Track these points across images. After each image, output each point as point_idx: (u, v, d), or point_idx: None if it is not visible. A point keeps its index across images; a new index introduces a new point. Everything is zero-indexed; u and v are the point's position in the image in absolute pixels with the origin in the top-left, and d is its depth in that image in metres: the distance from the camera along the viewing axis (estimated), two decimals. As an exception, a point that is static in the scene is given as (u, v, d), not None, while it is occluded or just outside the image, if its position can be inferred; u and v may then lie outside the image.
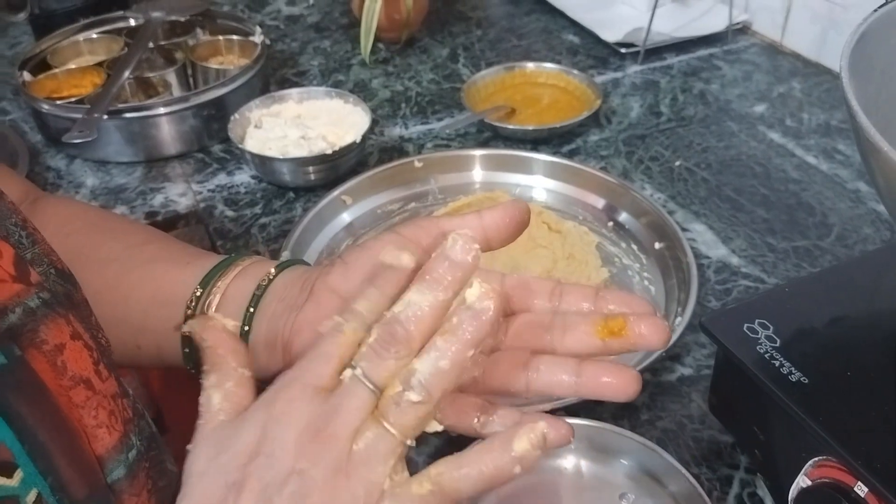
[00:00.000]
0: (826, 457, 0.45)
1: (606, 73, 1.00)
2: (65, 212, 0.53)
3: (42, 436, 0.30)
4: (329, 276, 0.42)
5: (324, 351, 0.35)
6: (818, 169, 0.82)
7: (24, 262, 0.34)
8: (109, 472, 0.33)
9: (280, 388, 0.35)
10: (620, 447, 0.52)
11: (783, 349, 0.49)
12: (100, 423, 0.33)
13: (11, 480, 0.29)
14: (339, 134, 0.82)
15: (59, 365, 0.32)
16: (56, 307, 0.34)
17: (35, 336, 0.32)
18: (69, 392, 0.32)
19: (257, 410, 0.35)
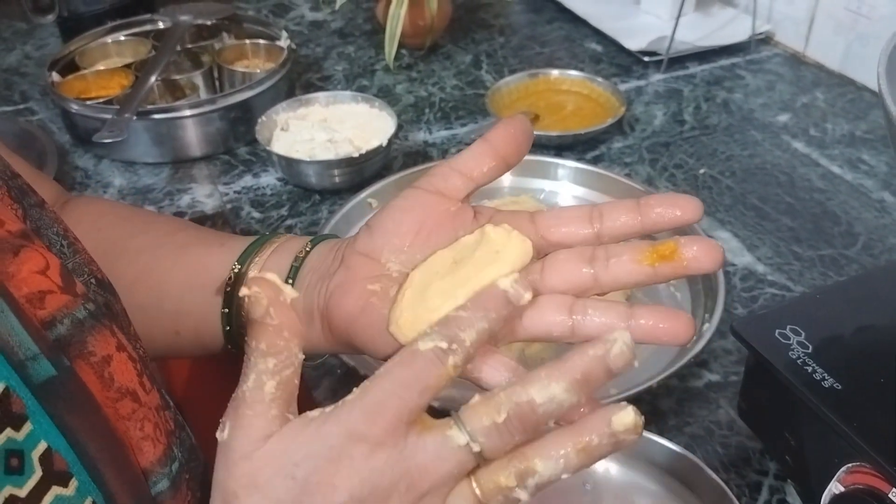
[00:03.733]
0: (860, 463, 0.45)
1: (629, 82, 1.01)
2: (95, 209, 0.53)
3: (91, 447, 0.30)
4: (357, 242, 0.40)
5: (422, 380, 0.32)
6: (843, 178, 0.82)
7: (69, 274, 0.34)
8: (154, 484, 0.33)
9: (368, 411, 0.32)
10: (650, 452, 0.52)
11: (815, 355, 0.49)
12: (145, 436, 0.33)
13: (68, 490, 0.29)
14: (365, 138, 0.83)
15: (106, 377, 0.32)
16: (102, 318, 0.34)
17: (83, 348, 0.32)
18: (116, 404, 0.32)
19: (337, 426, 0.32)
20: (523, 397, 0.31)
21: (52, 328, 0.32)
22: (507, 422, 0.31)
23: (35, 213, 0.37)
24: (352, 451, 0.31)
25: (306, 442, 0.32)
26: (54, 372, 0.30)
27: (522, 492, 0.32)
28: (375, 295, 0.38)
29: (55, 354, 0.31)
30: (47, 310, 0.32)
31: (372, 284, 0.38)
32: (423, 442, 0.32)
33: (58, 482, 0.29)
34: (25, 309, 0.31)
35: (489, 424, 0.31)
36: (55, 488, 0.28)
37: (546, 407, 0.31)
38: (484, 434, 0.31)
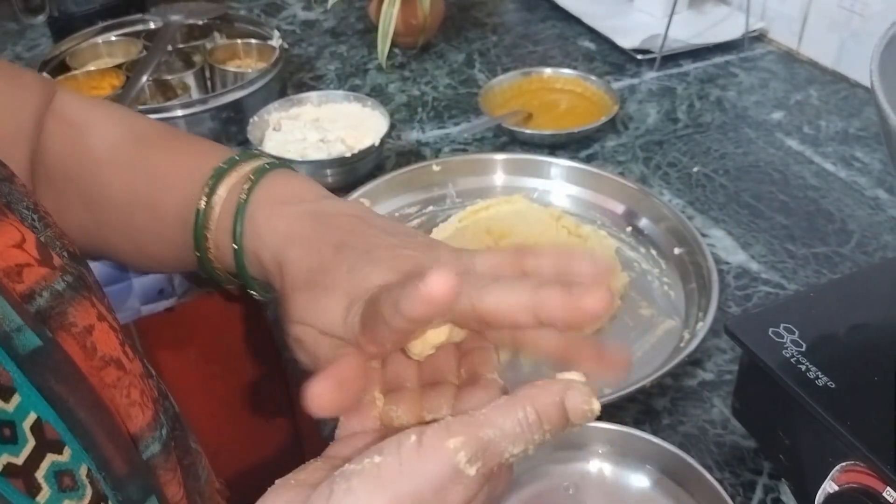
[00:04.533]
0: (854, 462, 0.45)
1: (623, 80, 1.00)
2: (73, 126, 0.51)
3: (81, 415, 0.30)
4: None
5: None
6: (837, 176, 0.82)
7: (45, 247, 0.34)
8: (144, 448, 0.34)
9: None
10: (644, 451, 0.52)
11: (809, 353, 0.49)
12: (132, 402, 0.34)
13: (62, 457, 0.29)
14: (358, 137, 0.83)
15: (88, 346, 0.33)
16: (80, 290, 0.34)
17: (64, 318, 0.33)
18: (100, 373, 0.33)
19: None
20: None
21: (31, 301, 0.32)
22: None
23: (5, 187, 0.37)
24: None
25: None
26: (39, 343, 0.30)
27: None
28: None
29: (38, 326, 0.31)
30: (26, 283, 0.32)
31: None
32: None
33: (52, 450, 0.29)
34: (4, 283, 0.31)
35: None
36: (50, 455, 0.29)
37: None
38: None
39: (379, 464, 0.29)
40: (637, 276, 0.70)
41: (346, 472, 0.30)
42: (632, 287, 0.69)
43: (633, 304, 0.68)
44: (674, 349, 0.62)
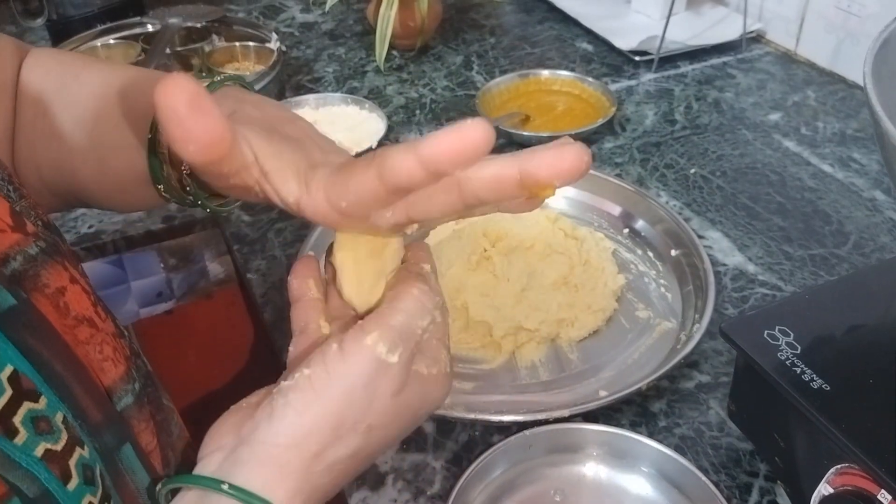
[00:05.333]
0: (849, 464, 0.45)
1: (620, 81, 1.00)
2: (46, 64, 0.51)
3: (56, 368, 0.32)
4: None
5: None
6: (834, 177, 0.82)
7: (19, 215, 0.36)
8: (118, 400, 0.36)
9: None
10: (640, 454, 0.52)
11: (804, 356, 0.49)
12: (105, 357, 0.36)
13: (39, 405, 0.31)
14: (356, 140, 0.83)
15: (61, 306, 0.35)
16: (53, 255, 0.36)
17: (38, 280, 0.34)
18: (74, 330, 0.35)
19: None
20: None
21: (5, 264, 0.34)
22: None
23: None
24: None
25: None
26: (14, 302, 0.32)
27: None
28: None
29: (12, 287, 0.33)
30: (0, 248, 0.34)
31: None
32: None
33: (28, 399, 0.31)
34: None
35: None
36: (27, 403, 0.30)
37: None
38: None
39: (309, 375, 0.33)
40: (634, 278, 0.70)
41: (282, 389, 0.33)
42: (629, 289, 0.69)
43: (629, 306, 0.68)
44: (670, 351, 0.62)
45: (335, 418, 0.33)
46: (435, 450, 0.57)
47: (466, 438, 0.58)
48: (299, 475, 0.32)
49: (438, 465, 0.56)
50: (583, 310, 0.66)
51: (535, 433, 0.52)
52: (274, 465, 0.32)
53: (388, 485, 0.55)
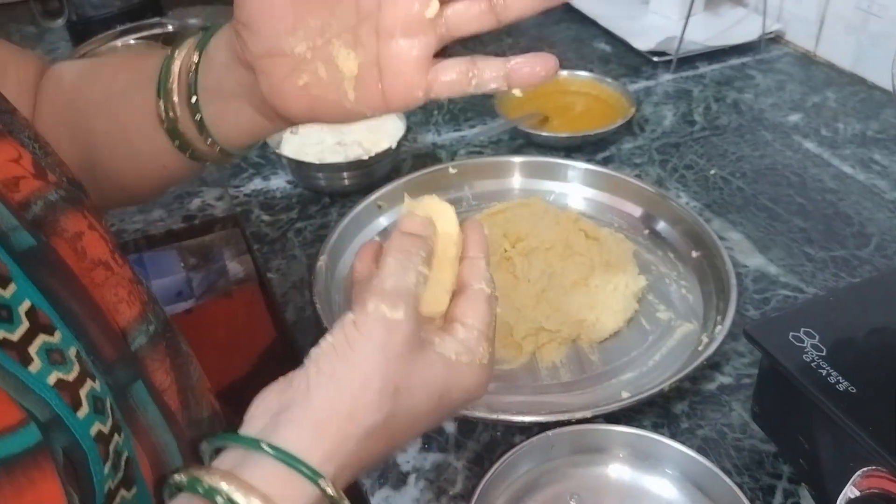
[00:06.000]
0: (876, 467, 0.44)
1: (639, 82, 1.00)
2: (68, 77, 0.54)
3: (72, 306, 0.34)
4: (249, 46, 0.41)
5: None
6: (855, 179, 0.81)
7: (41, 166, 0.38)
8: (133, 340, 0.38)
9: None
10: (663, 455, 0.52)
11: (829, 358, 0.48)
12: (120, 300, 0.38)
13: (54, 338, 0.33)
14: (375, 140, 0.83)
15: (79, 250, 0.37)
16: (73, 203, 0.39)
17: (56, 225, 0.37)
18: (90, 273, 0.37)
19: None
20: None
21: (27, 209, 0.36)
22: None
23: (7, 118, 0.41)
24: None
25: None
26: (34, 243, 0.35)
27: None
28: (311, 88, 0.41)
29: (33, 229, 0.35)
30: (22, 193, 0.36)
31: (300, 79, 0.40)
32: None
33: (44, 332, 0.33)
34: (2, 191, 0.35)
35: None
36: (42, 336, 0.32)
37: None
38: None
39: (333, 343, 0.36)
40: (655, 279, 0.70)
41: (311, 357, 0.36)
42: (650, 290, 0.69)
43: (650, 307, 0.68)
44: (692, 353, 0.62)
45: (361, 378, 0.35)
46: (457, 450, 0.57)
47: (488, 439, 0.58)
48: (335, 437, 0.34)
49: (460, 464, 0.56)
50: (603, 311, 0.66)
51: (557, 434, 0.52)
52: (311, 427, 0.34)
53: (411, 484, 0.55)
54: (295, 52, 0.40)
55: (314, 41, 0.40)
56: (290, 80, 0.40)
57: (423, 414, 0.37)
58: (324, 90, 0.41)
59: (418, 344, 0.37)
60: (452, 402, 0.38)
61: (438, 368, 0.37)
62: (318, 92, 0.41)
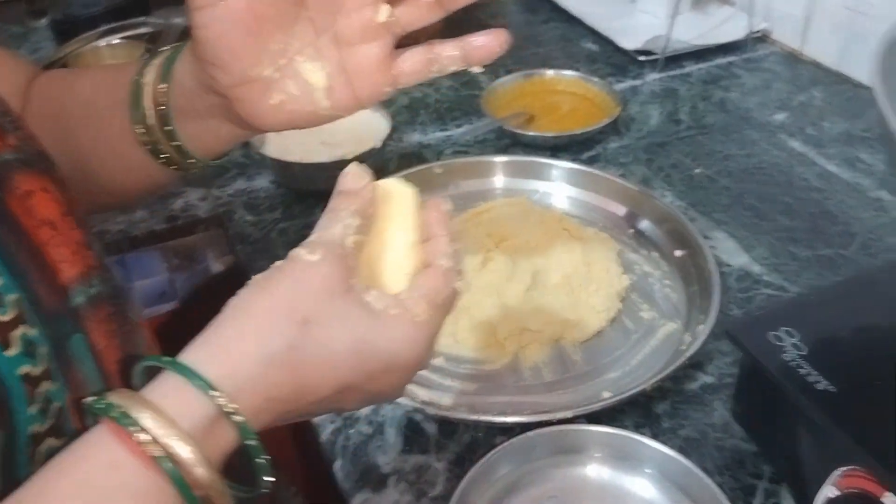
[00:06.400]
0: (854, 466, 0.44)
1: (625, 81, 1.00)
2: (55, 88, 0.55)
3: (19, 258, 0.36)
4: (217, 82, 0.42)
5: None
6: (840, 177, 0.81)
7: (2, 129, 0.40)
8: (72, 298, 0.38)
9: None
10: (643, 455, 0.52)
11: (809, 357, 0.48)
12: (63, 259, 0.38)
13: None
14: (359, 140, 0.82)
15: (27, 207, 0.38)
16: (31, 164, 0.40)
17: (9, 182, 0.38)
18: (37, 231, 0.38)
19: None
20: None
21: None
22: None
23: None
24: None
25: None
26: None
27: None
28: (286, 104, 0.42)
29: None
30: None
31: (273, 99, 0.42)
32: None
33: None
34: None
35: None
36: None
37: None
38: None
39: (254, 280, 0.36)
40: (638, 278, 0.70)
41: (238, 292, 0.36)
42: (633, 290, 0.69)
43: (634, 306, 0.67)
44: (674, 352, 0.62)
45: (268, 304, 0.35)
46: (438, 451, 0.57)
47: (469, 439, 0.57)
48: (233, 355, 0.34)
49: (441, 466, 0.56)
50: (587, 311, 0.66)
51: (538, 434, 0.52)
52: (212, 345, 0.34)
53: (391, 486, 0.54)
54: (263, 76, 0.42)
55: (279, 63, 0.42)
56: (264, 101, 0.42)
57: (340, 357, 0.36)
58: (298, 104, 0.43)
59: (342, 288, 0.36)
60: (377, 352, 0.37)
61: (359, 312, 0.36)
62: (293, 107, 0.43)
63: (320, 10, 0.41)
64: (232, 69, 0.41)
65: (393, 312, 0.37)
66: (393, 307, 0.37)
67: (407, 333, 0.37)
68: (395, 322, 0.37)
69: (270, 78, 0.42)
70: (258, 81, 0.42)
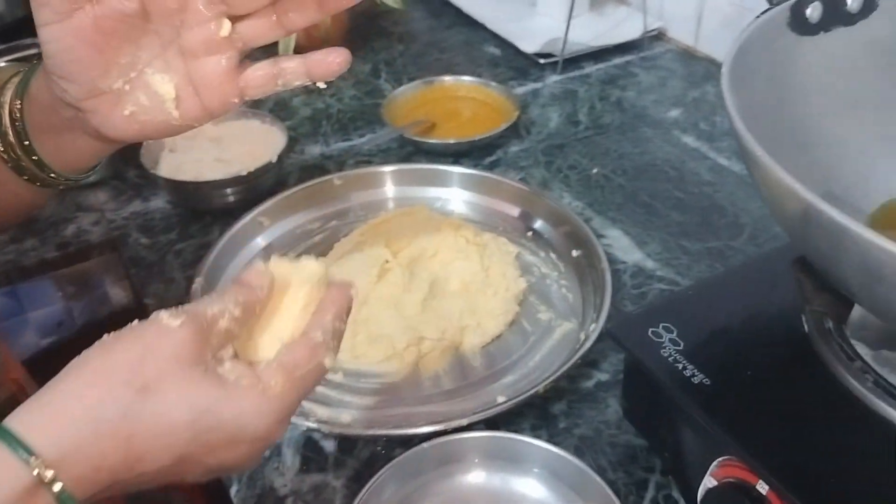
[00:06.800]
0: (729, 457, 0.46)
1: (527, 84, 1.01)
2: None
3: None
4: (68, 95, 0.43)
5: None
6: (731, 170, 0.84)
7: None
8: None
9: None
10: (532, 456, 0.52)
11: (686, 352, 0.50)
12: None
13: None
14: (256, 154, 0.81)
15: None
16: None
17: None
18: None
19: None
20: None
21: None
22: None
23: None
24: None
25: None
26: None
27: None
28: (138, 115, 0.44)
29: None
30: None
31: (125, 110, 0.44)
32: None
33: None
34: None
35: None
36: None
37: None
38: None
39: (103, 340, 0.36)
40: (537, 280, 0.71)
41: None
42: (531, 292, 0.70)
43: (531, 308, 0.68)
44: (570, 351, 0.63)
45: (110, 367, 0.34)
46: (336, 468, 0.56)
47: (368, 455, 0.57)
48: (61, 419, 0.33)
49: (339, 483, 0.55)
50: (485, 315, 0.66)
51: (429, 446, 0.52)
52: (41, 406, 0.34)
53: (288, 507, 0.54)
54: (114, 89, 0.43)
55: (128, 75, 0.43)
56: (116, 112, 0.44)
57: (178, 427, 0.35)
58: (150, 114, 0.44)
59: (195, 358, 0.35)
60: (221, 423, 0.35)
61: (208, 383, 0.35)
62: (145, 117, 0.44)
63: (164, 24, 0.42)
64: (82, 82, 0.42)
65: (244, 383, 0.36)
66: (245, 377, 0.37)
67: (255, 405, 0.36)
68: (244, 393, 0.36)
69: (121, 90, 0.43)
70: (109, 93, 0.43)
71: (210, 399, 0.35)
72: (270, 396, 0.37)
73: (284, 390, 0.37)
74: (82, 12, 0.40)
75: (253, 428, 0.36)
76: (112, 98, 0.43)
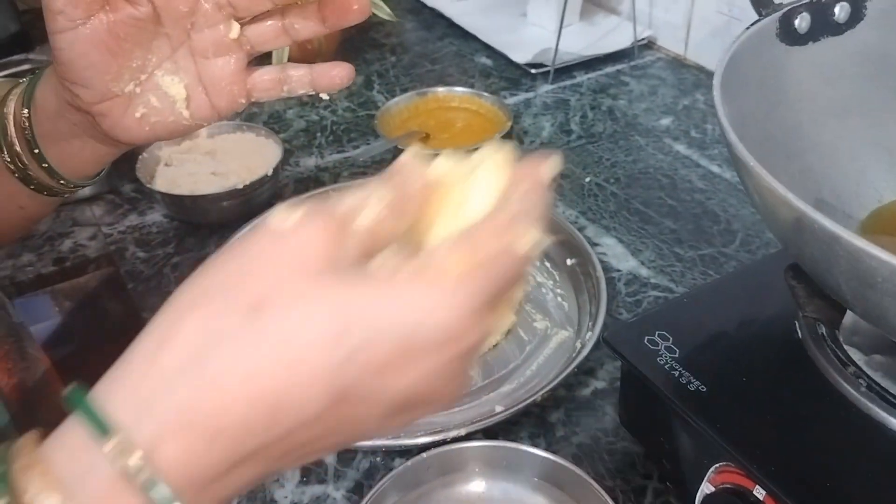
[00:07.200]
0: (726, 463, 0.46)
1: (519, 94, 1.02)
2: None
3: None
4: (80, 99, 0.44)
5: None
6: (722, 177, 0.85)
7: None
8: None
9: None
10: (534, 466, 0.53)
11: (682, 359, 0.50)
12: None
13: None
14: (252, 167, 0.82)
15: None
16: None
17: None
18: None
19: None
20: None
21: None
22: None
23: None
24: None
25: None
26: None
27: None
28: (149, 116, 0.45)
29: None
30: None
31: (137, 112, 0.45)
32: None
33: None
34: None
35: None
36: None
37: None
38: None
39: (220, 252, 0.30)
40: (532, 289, 0.71)
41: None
42: (527, 300, 0.70)
43: (527, 317, 0.69)
44: (567, 360, 0.63)
45: (208, 280, 0.27)
46: (336, 479, 0.57)
47: (368, 465, 0.57)
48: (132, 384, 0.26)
49: (339, 494, 0.56)
50: (481, 325, 0.67)
51: (430, 456, 0.52)
52: (131, 364, 0.27)
53: (288, 519, 0.54)
54: (126, 92, 0.45)
55: (140, 78, 0.45)
56: (128, 115, 0.45)
57: (322, 347, 0.25)
58: (161, 115, 0.46)
59: (324, 262, 0.26)
60: (384, 329, 0.25)
61: (350, 283, 0.26)
62: (155, 118, 0.46)
63: (175, 27, 0.44)
64: (94, 87, 0.43)
65: (404, 276, 0.26)
66: (406, 270, 0.26)
67: (425, 293, 0.26)
68: (406, 285, 0.26)
69: (132, 93, 0.45)
70: (121, 96, 0.44)
71: (358, 301, 0.25)
72: (448, 281, 0.26)
73: (467, 273, 0.27)
74: (96, 18, 0.41)
75: (432, 324, 0.26)
76: (123, 101, 0.45)
